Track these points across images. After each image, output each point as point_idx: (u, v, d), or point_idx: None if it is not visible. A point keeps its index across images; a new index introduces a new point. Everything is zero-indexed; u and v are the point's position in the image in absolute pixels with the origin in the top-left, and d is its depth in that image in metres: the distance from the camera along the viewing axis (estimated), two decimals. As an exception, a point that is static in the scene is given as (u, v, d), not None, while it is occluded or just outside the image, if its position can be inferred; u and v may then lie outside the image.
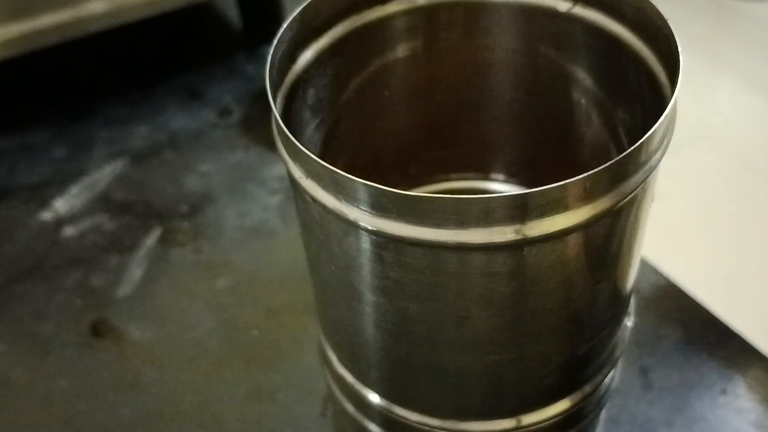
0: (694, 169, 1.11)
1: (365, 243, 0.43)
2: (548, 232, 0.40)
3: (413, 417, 0.55)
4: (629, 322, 0.59)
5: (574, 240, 0.42)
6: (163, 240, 0.97)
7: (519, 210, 0.39)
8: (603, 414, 0.64)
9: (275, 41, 0.47)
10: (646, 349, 0.81)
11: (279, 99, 0.48)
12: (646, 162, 0.42)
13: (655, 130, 0.41)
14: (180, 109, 1.17)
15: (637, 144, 0.40)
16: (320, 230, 0.46)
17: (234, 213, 1.00)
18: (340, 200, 0.41)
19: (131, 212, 1.01)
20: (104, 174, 1.07)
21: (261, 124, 1.13)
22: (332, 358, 0.59)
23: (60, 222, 1.01)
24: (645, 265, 0.88)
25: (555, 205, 0.39)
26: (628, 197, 0.42)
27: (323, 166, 0.40)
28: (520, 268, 0.42)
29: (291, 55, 0.50)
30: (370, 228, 0.41)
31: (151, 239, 0.97)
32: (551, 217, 0.40)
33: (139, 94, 1.21)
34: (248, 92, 1.20)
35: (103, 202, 1.03)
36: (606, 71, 0.55)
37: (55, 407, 0.80)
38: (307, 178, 0.43)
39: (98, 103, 1.19)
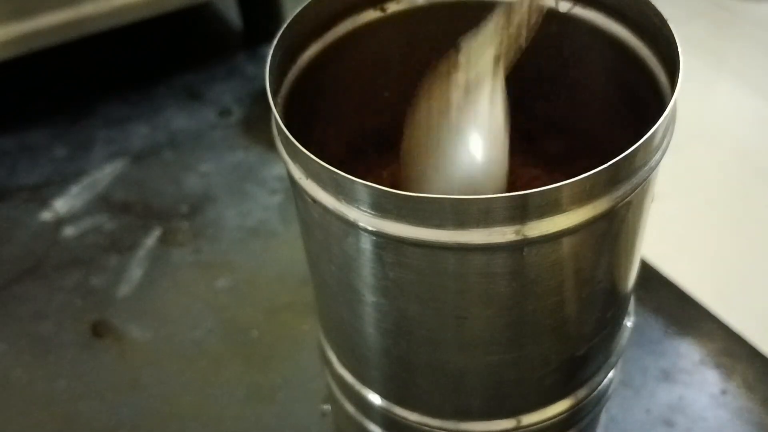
0: (694, 169, 1.11)
1: (365, 243, 0.43)
2: (548, 232, 0.40)
3: (413, 417, 0.55)
4: (629, 322, 0.59)
5: (574, 240, 0.42)
6: (163, 240, 0.97)
7: (519, 210, 0.39)
8: (603, 414, 0.64)
9: (275, 41, 0.47)
10: (646, 349, 0.81)
11: (279, 99, 0.48)
12: (646, 162, 0.42)
13: (655, 130, 0.41)
14: (180, 109, 1.17)
15: (637, 144, 0.40)
16: (320, 230, 0.46)
17: (234, 213, 1.00)
18: (340, 201, 0.41)
19: (131, 212, 1.01)
20: (104, 174, 1.07)
21: (261, 124, 1.13)
22: (332, 358, 0.59)
23: (60, 222, 1.01)
24: (645, 265, 0.88)
25: (555, 205, 0.39)
26: (628, 197, 0.42)
27: (323, 166, 0.40)
28: (520, 268, 0.42)
29: (291, 55, 0.50)
30: (370, 228, 0.41)
31: (151, 239, 0.97)
32: (551, 218, 0.40)
33: (139, 94, 1.21)
34: (248, 92, 1.20)
35: (103, 202, 1.03)
36: (606, 71, 0.55)
37: (55, 407, 0.80)
38: (307, 178, 0.43)
39: (98, 103, 1.19)
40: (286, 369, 0.82)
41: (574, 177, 0.39)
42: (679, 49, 0.44)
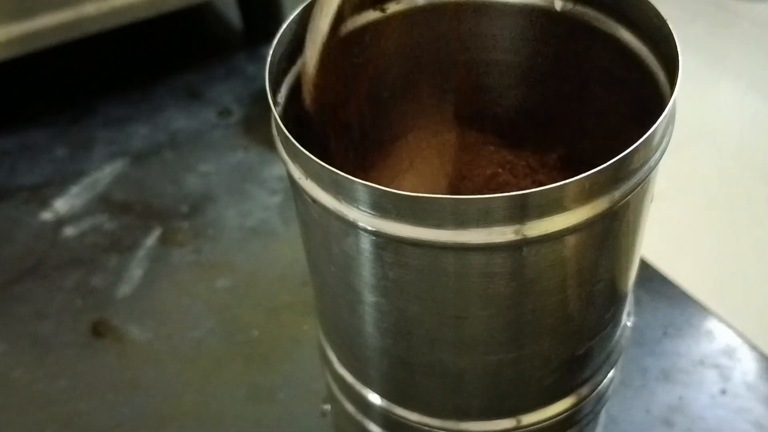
0: (694, 169, 1.11)
1: (365, 243, 0.43)
2: (548, 232, 0.40)
3: (413, 417, 0.55)
4: (629, 321, 0.59)
5: (573, 240, 0.42)
6: (163, 240, 0.97)
7: (518, 210, 0.39)
8: (603, 414, 0.64)
9: (275, 41, 0.47)
10: (646, 349, 0.81)
11: (279, 99, 0.49)
12: (645, 162, 0.42)
13: (654, 130, 0.41)
14: (180, 109, 1.17)
15: (636, 144, 0.40)
16: (320, 230, 0.46)
17: (234, 213, 1.00)
18: (339, 201, 0.41)
19: (131, 212, 1.01)
20: (104, 174, 1.07)
21: (261, 124, 1.13)
22: (332, 358, 0.59)
23: (60, 222, 1.01)
24: (645, 265, 0.88)
25: (554, 205, 0.39)
26: (628, 197, 0.42)
27: (323, 166, 0.40)
28: (520, 268, 0.42)
29: (291, 55, 0.50)
30: (369, 228, 0.41)
31: (151, 239, 0.97)
32: (550, 218, 0.40)
33: (139, 94, 1.21)
34: (248, 92, 1.20)
35: (103, 202, 1.03)
36: (605, 71, 0.55)
37: (55, 407, 0.80)
38: (306, 178, 0.43)
39: (98, 103, 1.19)
40: (286, 369, 0.82)
41: (573, 176, 0.39)
42: (679, 49, 0.44)
